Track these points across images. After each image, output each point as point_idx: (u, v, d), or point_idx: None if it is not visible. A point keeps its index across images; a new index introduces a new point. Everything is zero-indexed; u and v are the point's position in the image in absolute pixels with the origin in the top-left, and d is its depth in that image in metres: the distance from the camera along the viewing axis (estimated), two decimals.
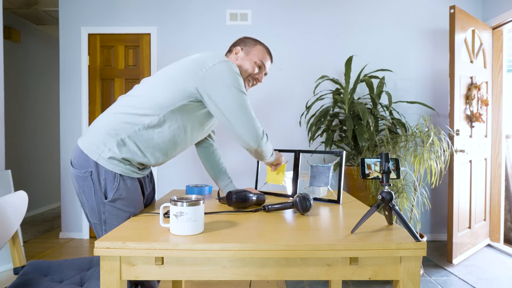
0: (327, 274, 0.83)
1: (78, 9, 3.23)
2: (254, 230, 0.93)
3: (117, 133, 1.14)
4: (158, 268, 0.83)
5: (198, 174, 3.25)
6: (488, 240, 3.09)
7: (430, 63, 3.25)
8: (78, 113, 3.26)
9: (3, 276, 2.35)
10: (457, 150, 2.58)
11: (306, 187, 1.43)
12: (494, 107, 3.09)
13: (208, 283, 2.30)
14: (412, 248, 0.81)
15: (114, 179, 1.14)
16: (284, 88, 3.25)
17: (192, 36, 3.24)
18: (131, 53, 3.26)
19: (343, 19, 3.24)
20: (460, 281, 2.30)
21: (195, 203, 0.89)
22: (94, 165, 1.13)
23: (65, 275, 1.33)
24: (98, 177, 1.13)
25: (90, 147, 1.15)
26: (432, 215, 3.27)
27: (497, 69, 3.10)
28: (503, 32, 3.07)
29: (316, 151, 1.43)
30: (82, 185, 1.16)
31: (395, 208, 0.92)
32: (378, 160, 0.94)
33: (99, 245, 0.81)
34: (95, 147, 1.14)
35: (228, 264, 0.83)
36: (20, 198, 1.42)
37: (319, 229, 0.94)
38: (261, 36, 3.23)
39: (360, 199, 2.62)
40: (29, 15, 4.09)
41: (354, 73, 3.04)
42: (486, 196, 3.03)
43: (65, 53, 3.25)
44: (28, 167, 4.33)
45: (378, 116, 2.75)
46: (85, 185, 1.15)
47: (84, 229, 3.28)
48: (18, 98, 4.17)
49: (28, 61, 4.34)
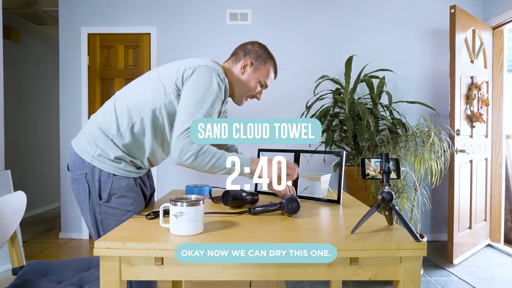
0: (327, 274, 0.83)
1: (78, 9, 3.23)
2: (254, 230, 0.92)
3: (106, 133, 1.15)
4: (158, 268, 0.82)
5: (198, 174, 3.24)
6: (489, 240, 3.09)
7: (430, 63, 3.24)
8: (78, 113, 3.25)
9: (2, 277, 2.35)
10: (458, 150, 2.57)
11: (306, 187, 1.42)
12: (495, 107, 3.09)
13: (208, 283, 2.30)
14: (413, 248, 0.81)
15: (108, 179, 1.14)
16: (284, 88, 3.25)
17: (192, 36, 3.24)
18: (131, 53, 3.26)
19: (344, 18, 3.24)
20: (460, 281, 2.30)
21: (195, 203, 0.88)
22: (88, 166, 1.14)
23: (64, 275, 1.32)
24: (92, 178, 1.14)
25: (83, 148, 1.15)
26: (432, 215, 3.26)
27: (498, 69, 3.09)
28: (504, 32, 3.06)
29: (316, 151, 1.42)
30: (77, 187, 1.16)
31: (395, 208, 0.91)
32: (378, 160, 0.93)
33: (98, 245, 0.81)
34: (88, 148, 1.15)
35: (228, 264, 0.83)
36: (19, 198, 1.42)
37: (319, 229, 0.94)
38: (261, 36, 3.23)
39: (360, 199, 2.62)
40: (29, 15, 4.09)
41: (354, 73, 3.04)
42: (487, 196, 3.03)
43: (65, 53, 3.24)
44: (28, 167, 4.33)
45: (378, 116, 2.75)
46: (80, 187, 1.15)
47: (83, 230, 3.28)
48: (18, 98, 4.16)
49: (28, 61, 4.34)
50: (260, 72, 1.29)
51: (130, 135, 1.15)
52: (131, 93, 1.19)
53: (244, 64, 1.28)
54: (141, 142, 1.17)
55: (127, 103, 1.16)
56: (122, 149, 1.15)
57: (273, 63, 1.32)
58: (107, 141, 1.14)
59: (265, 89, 1.36)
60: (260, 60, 1.29)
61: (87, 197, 1.15)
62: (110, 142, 1.14)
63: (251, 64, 1.28)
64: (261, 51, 1.30)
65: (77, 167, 1.15)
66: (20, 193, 1.42)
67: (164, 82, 1.16)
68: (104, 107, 1.21)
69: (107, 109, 1.19)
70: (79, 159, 1.15)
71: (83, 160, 1.14)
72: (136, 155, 1.19)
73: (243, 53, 1.30)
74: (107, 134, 1.15)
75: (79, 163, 1.15)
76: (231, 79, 1.30)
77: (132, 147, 1.17)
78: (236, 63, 1.30)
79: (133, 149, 1.17)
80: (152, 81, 1.18)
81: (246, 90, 1.31)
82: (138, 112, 1.15)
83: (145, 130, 1.16)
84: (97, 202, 1.15)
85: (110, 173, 1.14)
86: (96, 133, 1.16)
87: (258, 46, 1.31)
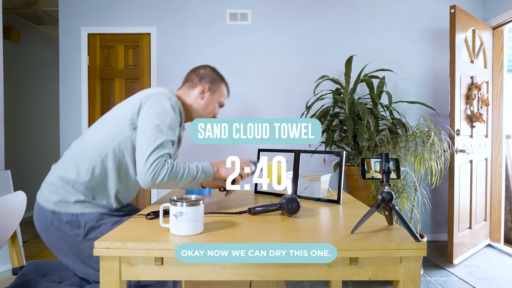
0: (327, 274, 0.83)
1: (78, 9, 3.23)
2: (254, 230, 0.92)
3: (67, 180, 1.14)
4: (157, 268, 0.82)
5: None
6: (489, 240, 3.09)
7: (430, 63, 3.24)
8: (78, 113, 3.25)
9: (2, 277, 2.35)
10: (458, 150, 2.57)
11: (306, 187, 1.42)
12: (495, 107, 3.09)
13: (208, 283, 2.30)
14: (412, 249, 0.81)
15: (77, 217, 1.13)
16: (284, 88, 3.25)
17: (192, 35, 3.24)
18: (131, 53, 3.26)
19: (344, 18, 3.24)
20: (460, 281, 2.30)
21: (194, 203, 0.88)
22: (52, 214, 1.13)
23: (64, 275, 1.32)
24: (60, 223, 1.12)
25: (46, 198, 1.15)
26: (432, 215, 3.26)
27: (498, 69, 3.09)
28: (504, 32, 3.06)
29: (316, 151, 1.43)
30: (48, 236, 1.15)
31: (395, 208, 0.91)
32: (378, 160, 0.94)
33: (98, 245, 0.81)
34: (50, 197, 1.14)
35: (228, 264, 0.83)
36: (19, 198, 1.42)
37: (319, 229, 0.94)
38: (261, 36, 3.23)
39: (360, 199, 2.62)
40: (29, 15, 4.09)
41: (354, 73, 3.04)
42: (487, 196, 3.03)
43: (65, 53, 3.24)
44: (28, 167, 4.33)
45: (378, 116, 2.75)
46: (51, 235, 1.14)
47: None
48: (18, 98, 4.16)
49: (28, 61, 4.34)
50: (217, 93, 1.35)
51: (92, 179, 1.14)
52: (88, 137, 1.19)
53: (202, 90, 1.32)
54: (105, 183, 1.17)
55: (85, 146, 1.16)
56: (85, 193, 1.15)
57: (225, 83, 1.38)
58: (68, 187, 1.14)
59: (221, 108, 1.41)
60: (215, 82, 1.34)
61: (63, 242, 1.14)
62: (71, 188, 1.14)
63: (209, 88, 1.33)
64: (214, 74, 1.35)
65: (41, 217, 1.14)
66: (20, 193, 1.42)
67: (120, 119, 1.16)
68: (63, 156, 1.21)
69: (66, 157, 1.19)
70: (42, 209, 1.14)
71: (46, 209, 1.13)
72: (101, 197, 1.18)
73: (198, 78, 1.33)
74: (67, 181, 1.14)
75: (43, 212, 1.14)
76: (189, 104, 1.33)
77: (95, 190, 1.16)
78: (193, 89, 1.33)
79: (97, 192, 1.16)
80: (108, 121, 1.19)
81: (207, 113, 1.35)
82: (98, 154, 1.14)
83: (107, 171, 1.16)
84: (77, 241, 1.13)
85: (75, 213, 1.13)
86: (56, 181, 1.15)
87: (211, 70, 1.35)
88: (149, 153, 1.07)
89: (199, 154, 3.23)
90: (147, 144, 1.08)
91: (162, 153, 1.08)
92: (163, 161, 1.07)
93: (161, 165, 1.06)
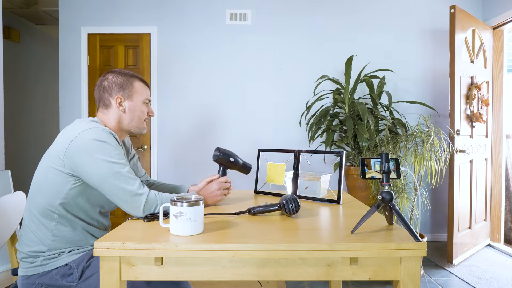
0: (327, 274, 0.83)
1: (78, 9, 3.23)
2: (254, 230, 0.92)
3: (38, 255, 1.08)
4: (158, 269, 0.82)
5: (198, 175, 3.24)
6: (489, 240, 3.09)
7: (430, 63, 3.24)
8: (78, 113, 3.25)
9: (1, 277, 2.35)
10: (458, 150, 2.57)
11: (306, 187, 1.42)
12: (495, 107, 3.09)
13: (208, 283, 2.30)
14: (412, 249, 0.81)
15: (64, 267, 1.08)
16: (284, 88, 3.25)
17: (192, 36, 3.24)
18: (131, 53, 3.26)
19: (344, 18, 3.24)
20: (460, 281, 2.30)
21: (194, 203, 0.88)
22: (37, 277, 1.07)
23: None
24: (50, 280, 1.07)
25: (24, 269, 1.08)
26: (432, 215, 3.26)
27: (498, 69, 3.09)
28: (504, 32, 3.06)
29: (316, 151, 1.43)
30: None
31: (395, 208, 0.91)
32: (378, 160, 0.94)
33: (98, 245, 0.81)
34: (27, 265, 1.08)
35: (228, 264, 0.83)
36: (19, 198, 1.42)
37: (319, 229, 0.94)
38: (261, 36, 3.23)
39: (360, 199, 2.62)
40: (29, 15, 4.09)
41: (354, 73, 3.04)
42: (487, 196, 3.02)
43: (64, 53, 3.24)
44: (28, 167, 4.33)
45: (378, 116, 2.75)
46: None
47: None
48: (18, 98, 4.16)
49: (28, 61, 4.34)
50: (136, 95, 1.22)
51: (61, 237, 1.09)
52: (33, 203, 1.10)
53: (118, 103, 1.20)
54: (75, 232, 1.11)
55: (36, 216, 1.08)
56: (65, 246, 1.09)
57: (136, 77, 1.25)
58: (44, 255, 1.08)
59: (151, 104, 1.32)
60: (126, 86, 1.21)
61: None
62: (47, 254, 1.08)
63: (123, 97, 1.20)
64: (119, 78, 1.21)
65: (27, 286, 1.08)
66: (20, 193, 1.42)
67: (54, 171, 1.06)
68: (22, 230, 1.13)
69: (24, 230, 1.11)
70: (24, 279, 1.08)
71: (29, 277, 1.07)
72: (80, 244, 1.12)
73: (107, 93, 1.20)
74: (39, 252, 1.08)
75: (27, 282, 1.08)
76: (115, 124, 1.22)
77: (71, 242, 1.10)
78: (110, 107, 1.21)
79: (75, 242, 1.11)
80: (42, 176, 1.09)
81: (138, 120, 1.24)
82: (50, 218, 1.07)
83: (71, 223, 1.10)
84: (74, 286, 1.07)
85: (63, 264, 1.08)
86: (29, 257, 1.08)
87: (113, 76, 1.22)
88: (126, 194, 1.04)
89: (198, 152, 3.23)
90: (115, 186, 1.04)
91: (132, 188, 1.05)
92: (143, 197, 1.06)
93: (143, 200, 1.05)
